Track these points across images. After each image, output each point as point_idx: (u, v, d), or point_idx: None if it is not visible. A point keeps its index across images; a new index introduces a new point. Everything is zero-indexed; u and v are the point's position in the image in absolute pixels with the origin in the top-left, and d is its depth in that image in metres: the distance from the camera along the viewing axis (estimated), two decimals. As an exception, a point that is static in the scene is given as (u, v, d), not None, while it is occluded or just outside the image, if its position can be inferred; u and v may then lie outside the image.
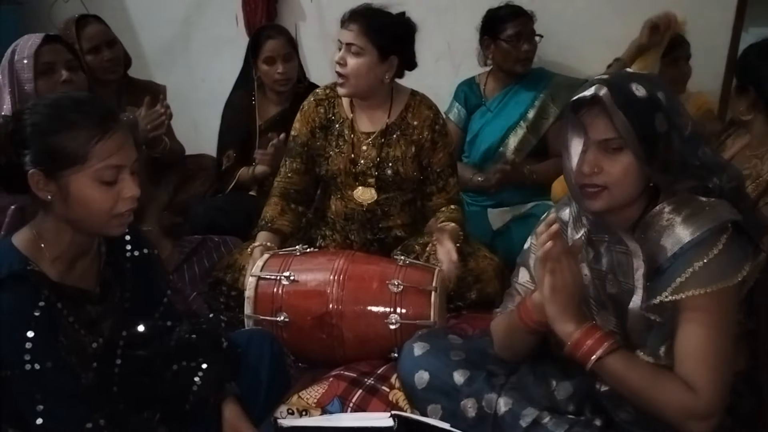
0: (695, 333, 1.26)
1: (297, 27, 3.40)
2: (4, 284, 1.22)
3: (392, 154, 2.19)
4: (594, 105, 1.30)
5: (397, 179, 2.20)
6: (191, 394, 1.45)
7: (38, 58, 1.93)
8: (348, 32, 2.09)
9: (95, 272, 1.41)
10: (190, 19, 3.64)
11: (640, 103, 1.28)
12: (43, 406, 1.23)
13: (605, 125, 1.29)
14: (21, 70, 1.91)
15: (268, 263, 1.96)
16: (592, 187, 1.32)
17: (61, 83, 1.96)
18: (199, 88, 3.58)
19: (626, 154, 1.29)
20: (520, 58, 2.73)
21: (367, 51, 2.08)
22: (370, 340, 1.86)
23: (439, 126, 2.22)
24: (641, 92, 1.28)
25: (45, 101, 1.32)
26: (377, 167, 2.19)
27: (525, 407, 1.45)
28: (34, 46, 1.94)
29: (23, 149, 1.25)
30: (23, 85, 1.91)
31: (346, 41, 2.08)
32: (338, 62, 2.10)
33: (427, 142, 2.19)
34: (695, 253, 1.25)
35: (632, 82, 1.30)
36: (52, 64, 1.96)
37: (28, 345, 1.22)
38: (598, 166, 1.31)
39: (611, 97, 1.27)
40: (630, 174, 1.30)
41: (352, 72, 2.09)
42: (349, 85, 2.12)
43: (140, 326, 1.48)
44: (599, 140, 1.31)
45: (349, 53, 2.08)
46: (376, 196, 2.21)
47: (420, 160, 2.21)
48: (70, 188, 1.26)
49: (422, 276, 1.91)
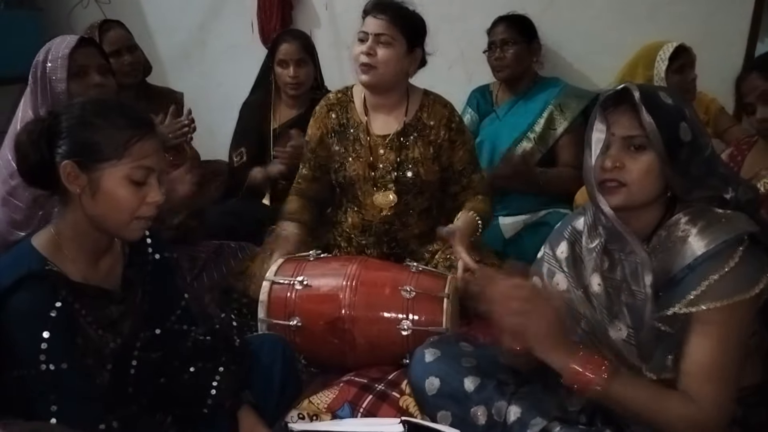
0: (705, 346, 1.25)
1: (311, 34, 3.42)
2: (22, 284, 1.24)
3: (411, 156, 2.16)
4: (622, 102, 1.32)
5: (418, 181, 2.17)
6: (209, 398, 1.46)
7: (72, 60, 1.96)
8: (377, 22, 2.04)
9: (118, 272, 1.43)
10: (206, 26, 3.68)
11: (667, 108, 1.30)
12: (58, 406, 1.24)
13: (631, 122, 1.30)
14: (54, 70, 1.93)
15: (282, 268, 1.97)
16: (611, 182, 1.32)
17: (92, 86, 1.99)
18: (214, 94, 3.61)
19: (648, 154, 1.30)
20: (494, 66, 2.78)
21: (397, 41, 2.05)
22: (381, 345, 1.87)
23: (455, 124, 2.19)
24: (669, 100, 1.31)
25: (87, 100, 1.37)
26: (397, 170, 2.16)
27: (534, 416, 1.44)
28: (69, 48, 1.96)
29: (58, 141, 1.29)
30: (55, 86, 1.93)
31: (376, 31, 2.04)
32: (367, 53, 2.04)
33: (445, 141, 2.17)
34: (711, 266, 1.25)
35: (661, 91, 1.33)
36: (85, 67, 1.99)
37: (43, 345, 1.23)
38: (621, 162, 1.31)
39: (641, 95, 1.28)
40: (650, 174, 1.30)
41: (382, 61, 2.05)
42: (376, 74, 2.07)
43: (157, 330, 1.50)
44: (624, 136, 1.32)
45: (377, 43, 2.04)
46: (396, 199, 2.18)
47: (440, 160, 2.19)
48: (101, 182, 1.29)
49: (435, 283, 1.91)
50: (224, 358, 1.52)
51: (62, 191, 1.32)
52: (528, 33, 2.80)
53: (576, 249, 1.49)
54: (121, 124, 1.30)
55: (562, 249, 1.51)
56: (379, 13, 2.05)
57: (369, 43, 2.05)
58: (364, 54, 2.06)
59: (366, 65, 2.06)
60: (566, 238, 1.51)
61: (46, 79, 1.94)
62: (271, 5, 3.44)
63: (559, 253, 1.51)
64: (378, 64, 2.05)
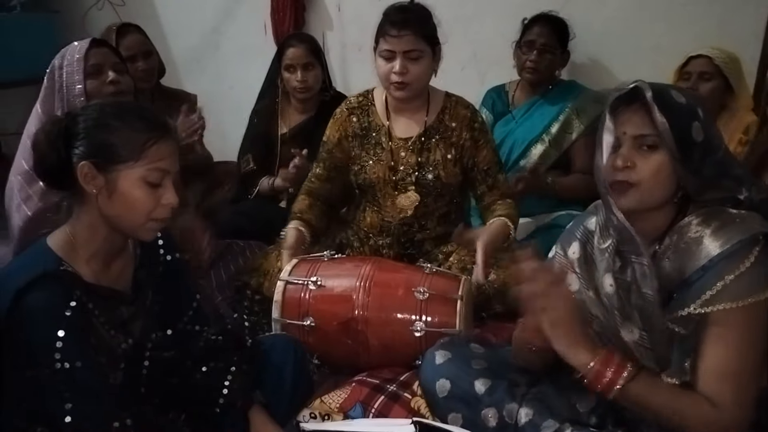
0: (721, 348, 1.25)
1: (324, 36, 3.43)
2: (37, 283, 1.25)
3: (432, 159, 2.15)
4: (633, 101, 1.31)
5: (438, 184, 2.16)
6: (221, 398, 1.47)
7: (87, 60, 1.99)
8: (404, 39, 2.01)
9: (129, 274, 1.44)
10: (219, 28, 3.70)
11: (679, 107, 1.28)
12: (72, 404, 1.25)
13: (643, 121, 1.29)
14: (70, 74, 1.96)
15: (296, 268, 1.98)
16: (622, 183, 1.31)
17: (107, 83, 2.01)
18: (227, 96, 3.63)
19: (660, 153, 1.28)
20: (525, 66, 2.75)
21: (425, 53, 2.05)
22: (394, 346, 1.87)
23: (478, 124, 2.18)
24: (681, 99, 1.29)
25: (105, 102, 1.39)
26: (417, 172, 2.15)
27: (546, 419, 1.44)
28: (83, 50, 1.99)
29: (76, 142, 1.30)
30: (72, 88, 1.96)
31: (404, 49, 2.02)
32: (399, 72, 2.03)
33: (468, 141, 2.16)
34: (726, 266, 1.24)
35: (673, 90, 1.32)
36: (99, 66, 2.01)
37: (58, 344, 1.24)
38: (632, 161, 1.30)
39: (652, 94, 1.27)
40: (661, 173, 1.29)
41: (416, 77, 2.05)
42: (411, 90, 2.07)
43: (168, 330, 1.51)
44: (635, 135, 1.30)
45: (408, 60, 2.03)
46: (419, 199, 2.17)
47: (463, 162, 2.18)
48: (118, 183, 1.30)
49: (448, 284, 1.91)
50: (236, 358, 1.53)
51: (78, 191, 1.33)
52: (564, 41, 2.79)
53: (588, 249, 1.48)
54: (139, 126, 1.31)
55: (573, 249, 1.50)
56: (403, 29, 2.01)
57: (400, 62, 2.02)
58: (396, 74, 2.04)
59: (400, 83, 2.05)
60: (578, 238, 1.50)
61: (63, 83, 1.97)
62: (284, 7, 3.45)
63: (571, 253, 1.50)
64: (412, 80, 2.05)
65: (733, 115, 2.57)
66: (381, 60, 2.07)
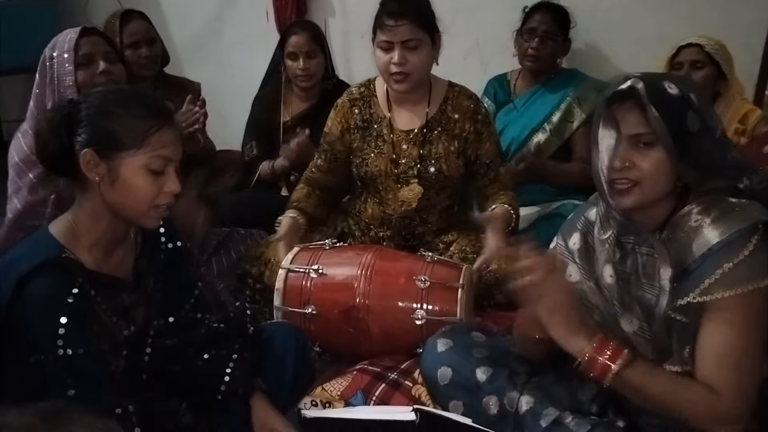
0: (721, 335, 1.25)
1: (326, 23, 3.42)
2: (40, 271, 1.25)
3: (434, 151, 2.14)
4: (627, 99, 1.30)
5: (440, 177, 2.15)
6: (223, 385, 1.48)
7: (77, 50, 1.96)
8: (401, 29, 1.99)
9: (131, 262, 1.44)
10: (221, 16, 3.69)
11: (672, 100, 1.27)
12: (74, 390, 1.25)
13: (638, 120, 1.29)
14: (61, 64, 1.94)
15: (298, 256, 1.98)
16: (622, 182, 1.31)
17: (98, 74, 1.99)
18: (229, 84, 3.62)
19: (657, 150, 1.28)
20: (526, 53, 2.74)
21: (424, 41, 2.02)
22: (396, 335, 1.87)
23: (481, 116, 2.16)
24: (674, 90, 1.28)
25: (107, 89, 1.38)
26: (419, 165, 2.14)
27: (546, 407, 1.44)
28: (73, 40, 1.96)
29: (78, 130, 1.30)
30: (63, 79, 1.94)
31: (402, 39, 2.00)
32: (398, 63, 2.01)
33: (471, 134, 2.15)
34: (725, 254, 1.24)
35: (665, 81, 1.30)
36: (90, 55, 1.99)
37: (61, 331, 1.24)
38: (630, 161, 1.30)
39: (646, 90, 1.26)
40: (661, 170, 1.29)
41: (415, 67, 2.03)
42: (411, 81, 2.05)
43: (170, 318, 1.51)
44: (631, 134, 1.30)
45: (406, 50, 2.01)
46: (422, 191, 2.15)
47: (466, 154, 2.16)
48: (120, 171, 1.30)
49: (449, 273, 1.91)
50: (237, 346, 1.53)
51: (81, 179, 1.33)
52: (566, 29, 2.78)
53: (588, 240, 1.48)
54: (141, 113, 1.31)
55: (574, 240, 1.50)
56: (400, 19, 1.99)
57: (399, 52, 2.00)
58: (395, 65, 2.02)
59: (399, 74, 2.03)
60: (579, 229, 1.50)
61: (54, 73, 1.95)
62: (286, -6, 3.44)
63: (572, 244, 1.50)
64: (412, 70, 2.03)
65: (729, 104, 2.56)
66: (379, 51, 2.06)
